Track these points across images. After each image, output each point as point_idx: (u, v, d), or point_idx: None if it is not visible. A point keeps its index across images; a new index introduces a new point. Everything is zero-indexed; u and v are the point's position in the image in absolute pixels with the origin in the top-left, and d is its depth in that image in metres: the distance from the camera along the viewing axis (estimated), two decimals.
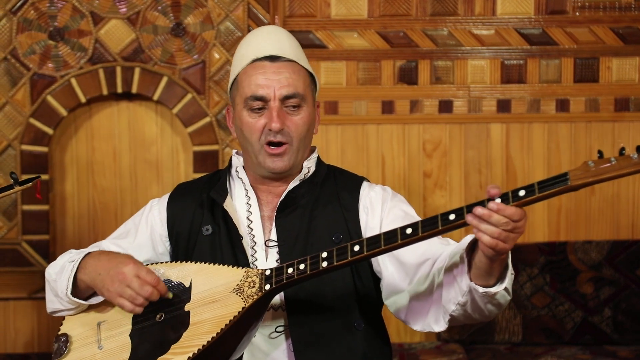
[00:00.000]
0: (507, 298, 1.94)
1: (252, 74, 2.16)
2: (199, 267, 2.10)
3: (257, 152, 2.17)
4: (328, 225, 2.17)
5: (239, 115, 2.19)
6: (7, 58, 3.90)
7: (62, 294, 2.16)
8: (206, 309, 2.02)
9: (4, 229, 3.96)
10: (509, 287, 1.93)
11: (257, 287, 2.00)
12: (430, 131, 3.97)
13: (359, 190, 2.23)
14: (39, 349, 3.98)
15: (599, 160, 1.76)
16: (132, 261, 2.07)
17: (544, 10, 3.92)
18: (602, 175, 1.75)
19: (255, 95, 2.14)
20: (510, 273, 1.93)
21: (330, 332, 2.13)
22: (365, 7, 3.94)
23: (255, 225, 2.20)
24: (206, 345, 1.95)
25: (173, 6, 3.89)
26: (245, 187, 2.24)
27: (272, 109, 2.14)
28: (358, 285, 2.16)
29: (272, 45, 2.18)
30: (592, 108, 3.95)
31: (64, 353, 2.14)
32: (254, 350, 2.13)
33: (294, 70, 2.17)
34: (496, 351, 3.72)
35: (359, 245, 1.92)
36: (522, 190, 1.80)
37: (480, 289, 1.90)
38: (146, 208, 2.32)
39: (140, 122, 4.03)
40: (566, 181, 1.78)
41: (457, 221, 1.84)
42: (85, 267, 2.14)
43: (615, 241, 3.86)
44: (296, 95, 2.15)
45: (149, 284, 2.03)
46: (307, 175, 2.22)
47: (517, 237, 1.84)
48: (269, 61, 2.16)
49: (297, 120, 2.16)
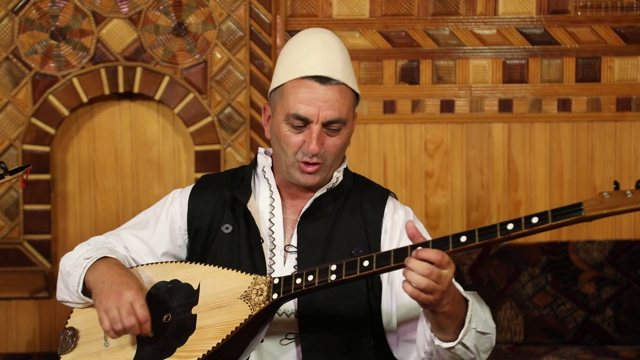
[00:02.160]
0: (469, 355, 1.93)
1: (299, 90, 2.11)
2: (208, 270, 2.09)
3: (290, 165, 2.15)
4: (349, 237, 2.16)
5: (277, 125, 2.16)
6: (9, 58, 3.90)
7: (73, 289, 2.16)
8: (213, 313, 2.02)
9: (6, 229, 3.96)
10: (469, 344, 1.91)
11: (264, 296, 1.99)
12: (431, 131, 3.97)
13: (384, 206, 2.21)
14: (41, 348, 3.98)
15: (614, 192, 1.74)
16: (136, 288, 2.04)
17: (545, 9, 3.92)
18: (617, 208, 1.73)
19: (299, 115, 2.11)
20: (477, 331, 1.91)
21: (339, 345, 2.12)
22: (367, 6, 3.94)
23: (276, 228, 2.19)
24: (211, 351, 1.95)
25: (175, 6, 3.89)
26: (270, 189, 2.22)
27: (312, 132, 2.10)
28: (372, 303, 2.15)
29: (324, 64, 2.12)
30: (594, 108, 3.94)
31: (70, 347, 2.13)
32: (264, 355, 2.13)
33: (341, 95, 2.12)
34: (498, 351, 3.72)
35: (368, 261, 1.91)
36: (534, 218, 1.79)
37: (437, 341, 1.91)
38: (168, 198, 2.30)
39: (142, 122, 4.03)
40: (580, 212, 1.75)
41: (468, 244, 1.83)
42: (96, 269, 2.13)
43: (617, 241, 3.86)
44: (339, 120, 2.12)
45: (135, 318, 2.00)
46: (335, 184, 2.20)
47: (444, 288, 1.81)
48: (319, 82, 2.11)
49: (335, 141, 2.14)
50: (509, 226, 1.81)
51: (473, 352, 1.92)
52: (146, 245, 2.25)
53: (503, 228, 1.81)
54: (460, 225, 3.95)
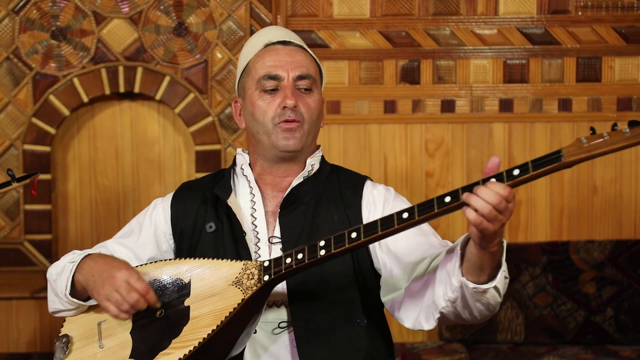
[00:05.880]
0: (497, 299, 1.93)
1: (265, 56, 2.21)
2: (198, 263, 2.10)
3: (270, 131, 2.18)
4: (331, 223, 2.18)
5: (250, 100, 2.21)
6: (9, 58, 3.90)
7: (61, 294, 2.17)
8: (206, 302, 2.02)
9: (7, 229, 3.96)
10: (500, 288, 1.92)
11: (256, 279, 2.00)
12: (432, 131, 3.97)
13: (362, 188, 2.24)
14: (41, 348, 3.98)
15: (591, 137, 1.75)
16: (125, 267, 2.06)
17: (546, 9, 3.92)
18: (595, 150, 1.74)
19: (270, 74, 2.18)
20: (505, 276, 1.92)
21: (332, 328, 2.13)
22: (368, 6, 3.94)
23: (259, 221, 2.21)
24: (207, 338, 1.95)
25: (175, 6, 3.89)
26: (249, 185, 2.25)
27: (286, 88, 2.17)
28: (360, 282, 2.16)
29: (283, 34, 2.25)
30: (595, 108, 3.94)
31: (65, 353, 2.14)
32: (256, 346, 2.13)
33: (305, 55, 2.23)
34: (498, 351, 3.72)
35: (356, 232, 1.92)
36: (516, 170, 1.79)
37: (471, 284, 1.90)
38: (150, 207, 2.33)
39: (142, 122, 4.03)
40: (560, 158, 1.76)
41: (453, 203, 1.82)
42: (82, 267, 2.15)
43: (618, 241, 3.86)
44: (309, 76, 2.20)
45: (136, 291, 2.02)
46: (310, 172, 2.23)
47: (504, 220, 1.80)
48: (282, 45, 2.22)
49: (309, 101, 2.20)
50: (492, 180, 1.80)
51: (500, 295, 1.93)
52: (132, 252, 2.27)
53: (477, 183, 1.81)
54: (460, 225, 3.95)
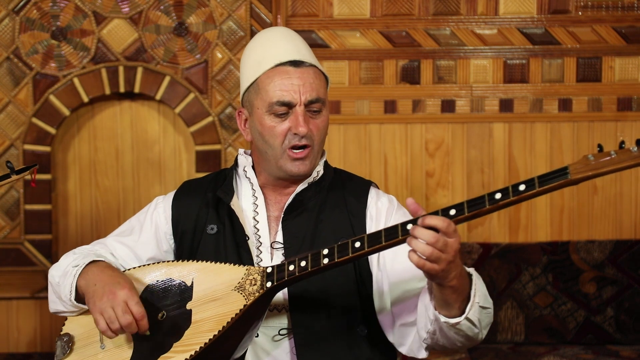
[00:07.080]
0: (474, 330, 1.92)
1: (276, 78, 2.14)
2: (200, 266, 2.10)
3: (279, 156, 2.16)
4: (334, 230, 2.17)
5: (259, 120, 2.17)
6: (9, 57, 3.90)
7: (65, 298, 2.16)
8: (208, 307, 2.02)
9: (7, 229, 3.96)
10: (475, 319, 1.91)
11: (258, 285, 2.00)
12: (432, 131, 3.97)
13: (367, 196, 2.22)
14: (42, 348, 3.98)
15: (598, 154, 1.75)
16: (128, 287, 2.05)
17: (546, 9, 3.92)
18: (601, 169, 1.74)
19: (282, 101, 2.13)
20: (481, 305, 1.91)
21: (333, 336, 2.13)
22: (368, 6, 3.94)
23: (261, 225, 2.20)
24: (208, 343, 1.95)
25: (175, 6, 3.89)
26: (252, 187, 2.23)
27: (297, 114, 2.13)
28: (361, 290, 2.15)
29: (292, 50, 2.17)
30: (595, 107, 3.94)
31: (66, 353, 2.14)
32: (257, 350, 2.13)
33: (315, 75, 2.17)
34: (499, 351, 3.72)
35: (360, 242, 1.91)
36: (522, 185, 1.80)
37: (442, 317, 1.90)
38: (151, 205, 2.31)
39: (142, 122, 4.03)
40: (566, 175, 1.77)
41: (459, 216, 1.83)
42: (87, 273, 2.13)
43: (618, 241, 3.86)
44: (319, 100, 2.16)
45: (132, 315, 2.01)
46: (315, 178, 2.22)
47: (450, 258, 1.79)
48: (293, 66, 2.15)
49: (319, 123, 2.17)
50: (496, 195, 1.80)
51: (477, 326, 1.92)
52: (132, 252, 2.26)
53: (491, 198, 1.81)
54: (461, 225, 3.95)
